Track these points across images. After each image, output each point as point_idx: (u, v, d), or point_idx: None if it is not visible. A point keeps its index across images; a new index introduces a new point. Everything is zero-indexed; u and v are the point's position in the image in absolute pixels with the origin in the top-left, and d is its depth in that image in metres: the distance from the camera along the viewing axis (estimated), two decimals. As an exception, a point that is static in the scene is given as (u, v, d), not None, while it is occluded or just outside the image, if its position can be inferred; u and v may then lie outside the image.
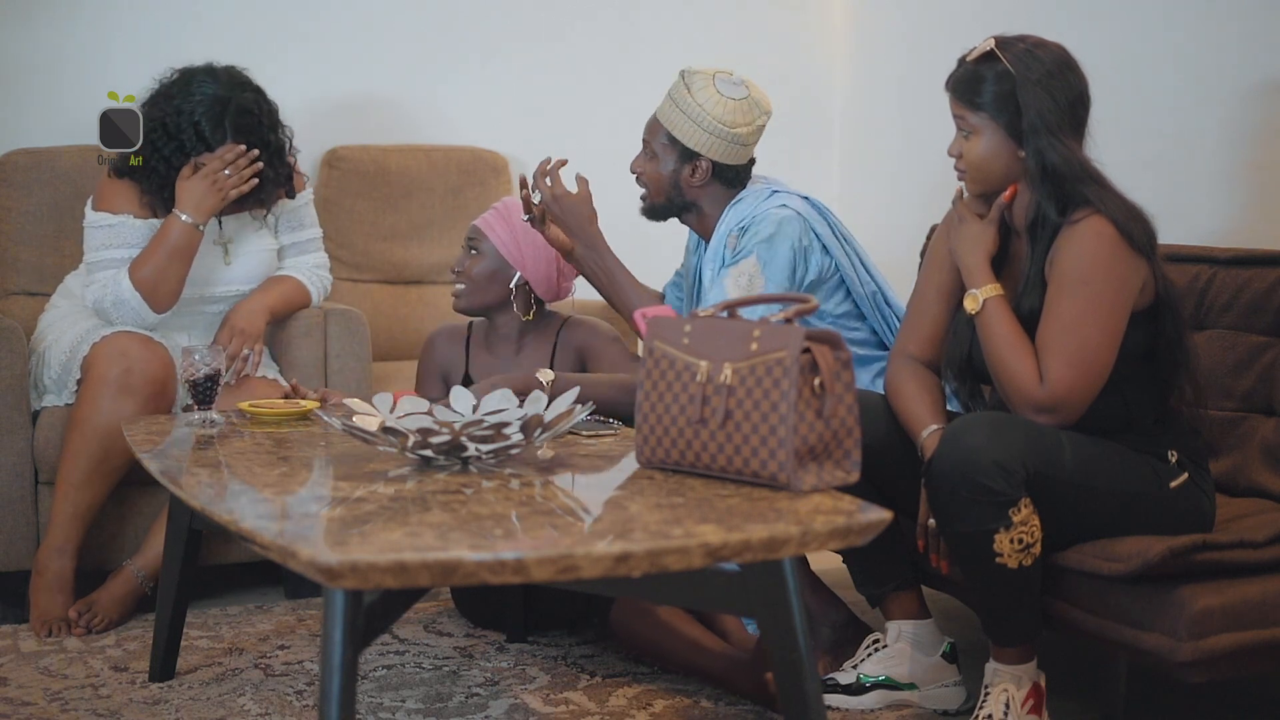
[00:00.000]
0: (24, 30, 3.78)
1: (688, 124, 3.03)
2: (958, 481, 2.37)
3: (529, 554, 1.77)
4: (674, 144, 3.06)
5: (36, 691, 2.77)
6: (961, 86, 2.54)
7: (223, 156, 3.23)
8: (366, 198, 3.97)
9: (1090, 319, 2.42)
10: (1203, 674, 2.33)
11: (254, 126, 3.27)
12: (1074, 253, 2.44)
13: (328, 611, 1.83)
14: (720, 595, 2.10)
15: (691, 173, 3.06)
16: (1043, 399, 2.42)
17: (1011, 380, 2.45)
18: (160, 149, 3.26)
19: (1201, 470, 2.54)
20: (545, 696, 2.76)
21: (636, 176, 3.13)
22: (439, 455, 2.29)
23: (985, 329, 2.50)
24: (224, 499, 2.21)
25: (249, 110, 3.26)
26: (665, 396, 2.24)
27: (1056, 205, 2.48)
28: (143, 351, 3.14)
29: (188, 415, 2.84)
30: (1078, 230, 2.45)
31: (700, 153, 3.03)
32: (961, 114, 2.55)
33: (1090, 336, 2.42)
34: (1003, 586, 2.42)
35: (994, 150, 2.52)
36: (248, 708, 2.70)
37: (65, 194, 3.58)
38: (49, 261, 3.57)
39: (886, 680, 2.73)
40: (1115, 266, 2.43)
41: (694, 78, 3.05)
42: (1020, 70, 2.47)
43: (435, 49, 4.18)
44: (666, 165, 3.07)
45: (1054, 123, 2.46)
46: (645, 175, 3.11)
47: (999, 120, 2.50)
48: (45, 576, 3.12)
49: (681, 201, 3.10)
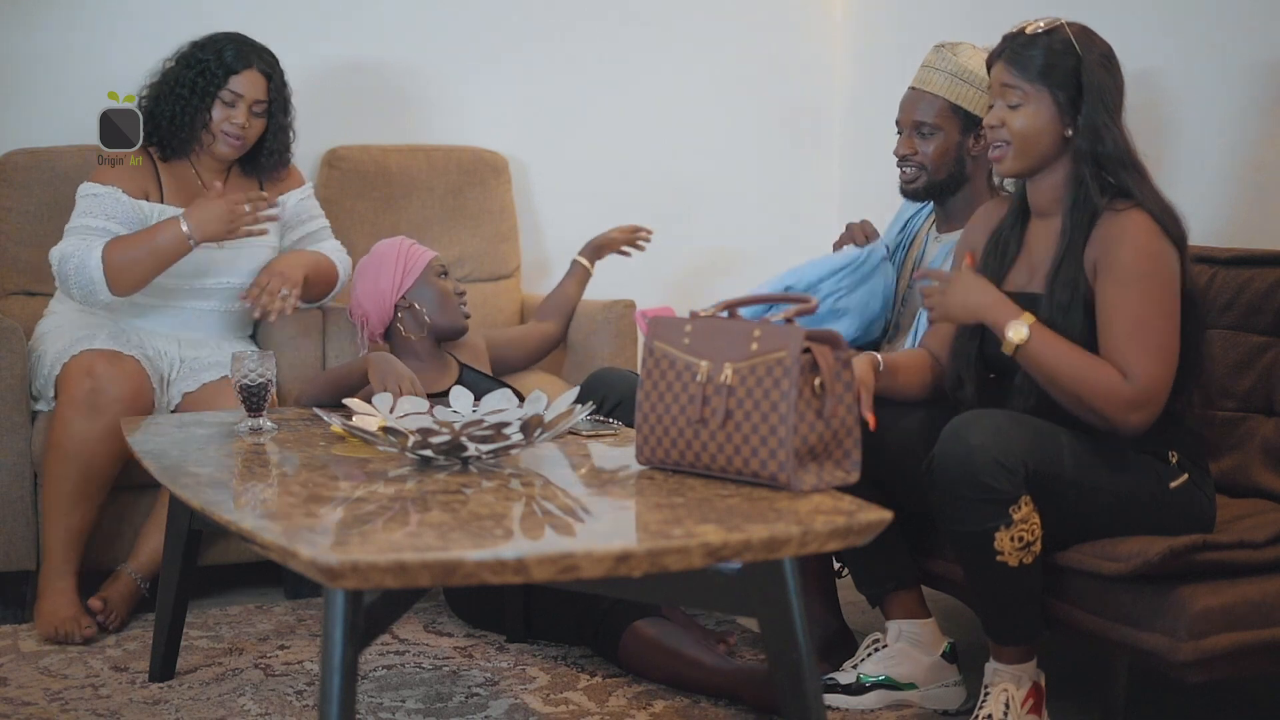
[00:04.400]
0: (24, 30, 3.78)
1: (972, 91, 2.97)
2: (959, 479, 2.37)
3: (529, 554, 1.77)
4: (956, 114, 2.99)
5: (36, 691, 2.77)
6: (1020, 56, 2.50)
7: (248, 193, 3.27)
8: (366, 198, 3.97)
9: (1158, 311, 2.41)
10: (1202, 674, 2.33)
11: (274, 65, 3.38)
12: (1129, 247, 2.42)
13: (328, 611, 1.83)
14: (720, 595, 2.10)
15: (975, 140, 3.00)
16: (1135, 395, 2.39)
17: (1095, 390, 2.40)
18: (181, 81, 3.31)
19: (1202, 471, 2.53)
20: (545, 696, 2.76)
21: (902, 160, 3.04)
22: (439, 455, 2.29)
23: (1041, 355, 2.42)
24: (224, 499, 2.20)
25: (272, 54, 3.38)
26: (665, 396, 2.24)
27: (1100, 186, 2.47)
28: (109, 369, 3.11)
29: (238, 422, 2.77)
30: (1126, 224, 2.43)
31: (982, 119, 2.94)
32: (1014, 83, 2.50)
33: (1161, 328, 2.41)
34: (1003, 585, 2.42)
35: (1043, 123, 2.50)
36: (248, 708, 2.70)
37: (65, 194, 3.57)
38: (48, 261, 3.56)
39: (886, 680, 2.73)
40: (1166, 259, 2.43)
41: (958, 48, 3.00)
42: (1084, 49, 2.47)
43: (435, 49, 4.18)
44: (952, 138, 3.00)
45: (1112, 104, 2.47)
46: (919, 156, 3.01)
47: (1056, 94, 2.48)
48: (48, 600, 3.09)
49: (961, 175, 3.03)
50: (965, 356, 2.61)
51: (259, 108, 3.35)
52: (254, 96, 3.34)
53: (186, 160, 3.39)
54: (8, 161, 3.61)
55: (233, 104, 3.32)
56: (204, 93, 3.31)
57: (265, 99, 3.36)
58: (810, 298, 2.29)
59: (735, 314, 2.27)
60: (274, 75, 3.37)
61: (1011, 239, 2.61)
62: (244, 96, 3.32)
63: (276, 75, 3.38)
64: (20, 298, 3.58)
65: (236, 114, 3.32)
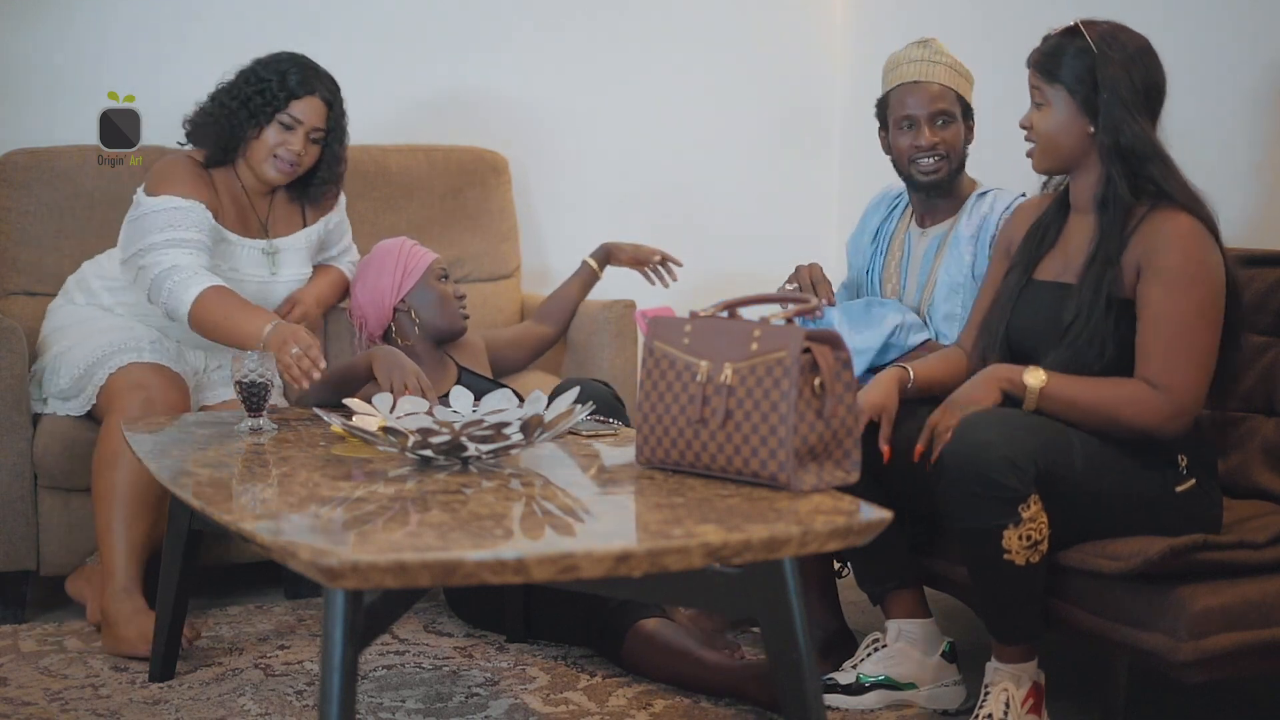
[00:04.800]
0: (24, 30, 3.78)
1: (965, 82, 3.08)
2: (969, 477, 2.37)
3: (529, 554, 1.77)
4: (960, 103, 3.09)
5: (36, 691, 2.77)
6: (1042, 59, 2.57)
7: (307, 350, 2.96)
8: (366, 198, 3.97)
9: (1201, 319, 2.43)
10: (1202, 674, 2.33)
11: (336, 93, 3.31)
12: (1177, 251, 2.44)
13: (328, 611, 1.83)
14: (720, 595, 2.10)
15: (969, 130, 3.11)
16: (1168, 404, 2.41)
17: (1124, 412, 2.43)
18: (237, 96, 3.24)
19: (1210, 477, 2.54)
20: (545, 696, 2.76)
21: (931, 148, 3.05)
22: (439, 455, 2.29)
23: (1065, 390, 2.45)
24: (224, 499, 2.20)
25: (334, 81, 3.31)
26: (665, 396, 2.24)
27: (1128, 182, 2.50)
28: (160, 381, 3.10)
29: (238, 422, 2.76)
30: (1173, 227, 2.45)
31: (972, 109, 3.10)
32: (1038, 85, 2.57)
33: (1201, 334, 2.43)
34: (1009, 583, 2.41)
35: (1065, 123, 2.54)
36: (248, 708, 2.70)
37: (65, 194, 3.58)
38: (48, 261, 3.56)
39: (886, 680, 2.73)
40: (1213, 265, 2.45)
41: (937, 42, 3.09)
42: (1101, 48, 2.50)
43: (434, 49, 4.18)
44: (962, 128, 3.09)
45: (1129, 100, 2.49)
46: (943, 145, 3.06)
47: (1074, 95, 2.52)
48: (120, 622, 2.97)
49: (961, 165, 3.11)
50: (992, 336, 2.64)
51: (316, 135, 3.28)
52: (313, 124, 3.27)
53: (232, 170, 3.32)
54: (7, 161, 3.60)
55: (291, 128, 3.25)
56: (259, 111, 3.23)
57: (324, 127, 3.29)
58: (810, 298, 2.29)
59: (735, 314, 2.27)
60: (335, 103, 3.30)
61: (1051, 229, 2.65)
62: (303, 123, 3.25)
63: (337, 104, 3.31)
64: (20, 298, 3.57)
65: (294, 140, 3.25)
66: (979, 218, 3.04)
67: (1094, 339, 2.48)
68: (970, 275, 3.01)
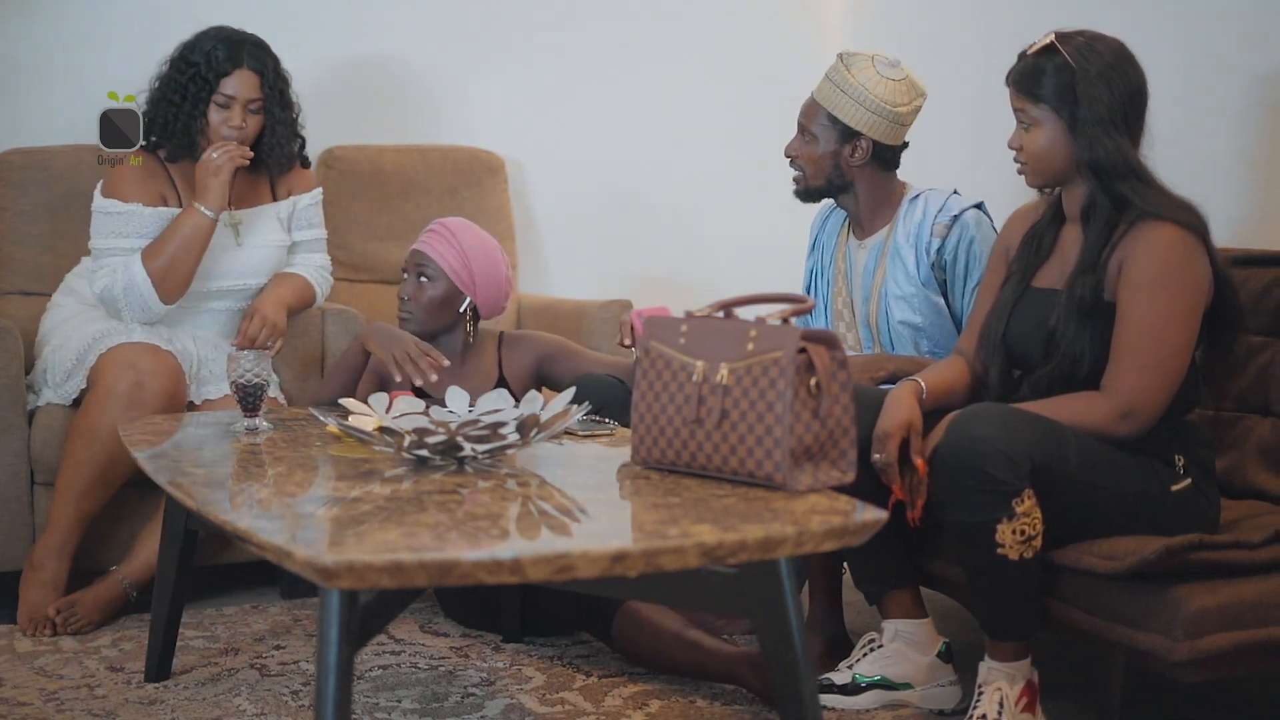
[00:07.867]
0: (23, 30, 3.77)
1: (849, 103, 3.06)
2: (963, 470, 2.37)
3: (525, 554, 1.77)
4: (834, 124, 3.08)
5: (32, 692, 2.77)
6: (1023, 80, 2.56)
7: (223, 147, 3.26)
8: (363, 198, 3.97)
9: (1167, 323, 2.44)
10: (1198, 674, 2.33)
11: (264, 59, 3.33)
12: (1147, 258, 2.45)
13: (323, 611, 1.83)
14: (716, 595, 2.10)
15: (852, 152, 3.09)
16: (1116, 407, 2.44)
17: (1076, 415, 2.45)
18: (176, 88, 3.29)
19: (1207, 478, 2.54)
20: (541, 696, 2.76)
21: (791, 160, 3.14)
22: (435, 455, 2.29)
23: None
24: (220, 499, 2.20)
25: (262, 44, 3.34)
26: (661, 396, 2.24)
27: (1108, 196, 2.51)
28: (153, 363, 3.11)
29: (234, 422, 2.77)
30: (1154, 235, 2.46)
31: (861, 132, 3.07)
32: (1022, 107, 2.57)
33: (1166, 340, 2.44)
34: (1003, 578, 2.42)
35: (1053, 142, 2.54)
36: (243, 708, 2.70)
37: (61, 193, 3.58)
38: (45, 261, 3.57)
39: (882, 680, 2.73)
40: (1190, 269, 2.45)
41: (853, 59, 3.08)
42: (1080, 63, 2.50)
43: (432, 49, 4.18)
44: (827, 145, 3.10)
45: (1106, 116, 2.49)
46: (802, 158, 3.13)
47: (1060, 113, 2.52)
48: (40, 574, 3.11)
49: (840, 182, 3.12)
50: (991, 344, 2.65)
51: (254, 105, 3.33)
52: (247, 96, 3.31)
53: (192, 161, 3.35)
54: (4, 161, 3.60)
55: (227, 106, 3.30)
56: (196, 98, 3.29)
57: (259, 96, 3.33)
58: (807, 297, 2.29)
59: (731, 314, 2.27)
60: (265, 71, 3.33)
61: (1046, 237, 2.65)
62: (236, 98, 3.30)
63: (269, 70, 3.34)
64: (17, 297, 3.57)
65: (233, 116, 3.30)
66: (913, 225, 3.07)
67: (1075, 350, 2.49)
68: (918, 280, 3.02)
